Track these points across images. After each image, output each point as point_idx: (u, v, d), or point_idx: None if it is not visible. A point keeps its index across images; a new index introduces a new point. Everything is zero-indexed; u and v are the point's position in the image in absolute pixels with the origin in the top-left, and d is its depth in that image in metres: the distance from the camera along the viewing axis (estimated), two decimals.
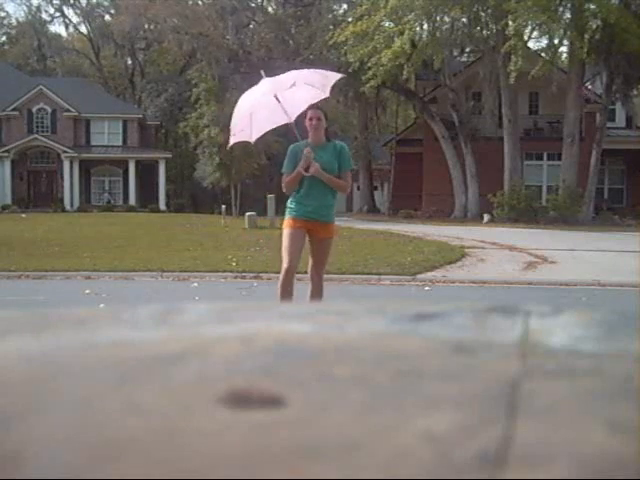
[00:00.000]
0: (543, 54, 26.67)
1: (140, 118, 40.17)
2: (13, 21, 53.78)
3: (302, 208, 5.95)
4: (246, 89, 6.55)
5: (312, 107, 5.97)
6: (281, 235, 6.11)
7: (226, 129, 6.90)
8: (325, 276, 6.41)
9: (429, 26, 28.13)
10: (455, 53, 32.89)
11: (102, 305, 0.97)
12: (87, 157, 38.62)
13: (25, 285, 11.93)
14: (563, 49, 28.25)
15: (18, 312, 0.83)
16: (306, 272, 6.27)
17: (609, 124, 30.00)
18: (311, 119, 5.88)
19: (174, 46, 39.99)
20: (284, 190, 6.09)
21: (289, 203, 6.06)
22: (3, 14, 53.46)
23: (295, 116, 6.06)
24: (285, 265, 5.88)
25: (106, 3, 49.32)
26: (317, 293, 6.06)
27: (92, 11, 49.75)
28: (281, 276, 5.93)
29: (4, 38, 53.66)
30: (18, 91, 37.93)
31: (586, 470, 0.42)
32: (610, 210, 29.18)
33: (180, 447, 0.45)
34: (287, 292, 5.85)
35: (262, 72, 6.36)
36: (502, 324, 0.69)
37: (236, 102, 6.44)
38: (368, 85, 27.08)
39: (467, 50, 34.02)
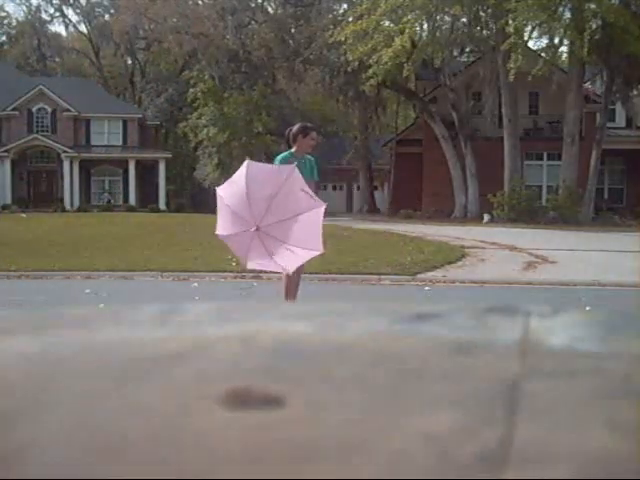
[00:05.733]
0: (543, 54, 26.65)
1: (140, 118, 40.14)
2: (13, 21, 53.75)
3: None
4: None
5: (314, 129, 6.74)
6: None
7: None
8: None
9: (429, 25, 28.14)
10: (455, 53, 32.87)
11: (102, 305, 0.97)
12: (87, 157, 38.59)
13: (25, 285, 11.92)
14: (563, 49, 28.28)
15: (18, 312, 0.83)
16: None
17: (609, 124, 29.97)
18: (313, 139, 6.55)
19: (174, 46, 39.93)
20: None
21: None
22: (3, 14, 53.33)
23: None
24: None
25: (106, 3, 49.30)
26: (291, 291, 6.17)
27: (92, 11, 49.74)
28: (284, 282, 6.13)
29: (4, 38, 53.60)
30: (18, 91, 37.91)
31: (586, 470, 0.42)
32: (610, 210, 29.14)
33: (180, 447, 0.45)
34: (292, 295, 6.00)
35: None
36: (502, 324, 0.69)
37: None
38: (368, 84, 27.07)
39: (467, 50, 34.01)
